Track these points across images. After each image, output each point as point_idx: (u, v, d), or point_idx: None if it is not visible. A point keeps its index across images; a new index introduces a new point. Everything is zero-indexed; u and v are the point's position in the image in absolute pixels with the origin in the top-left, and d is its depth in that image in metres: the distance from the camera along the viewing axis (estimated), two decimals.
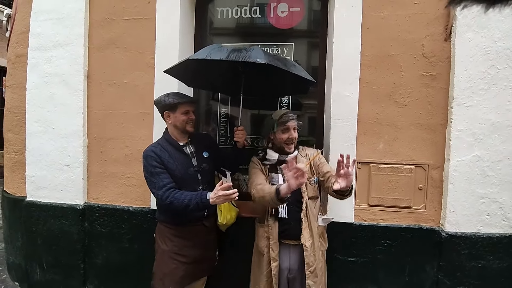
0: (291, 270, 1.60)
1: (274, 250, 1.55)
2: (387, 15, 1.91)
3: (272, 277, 1.55)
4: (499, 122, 1.79)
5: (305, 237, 1.54)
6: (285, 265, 1.59)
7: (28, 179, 2.29)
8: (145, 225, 2.14)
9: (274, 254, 1.55)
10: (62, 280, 2.28)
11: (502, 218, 1.81)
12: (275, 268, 1.55)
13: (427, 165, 1.90)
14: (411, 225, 1.92)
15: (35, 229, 2.28)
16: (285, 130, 1.61)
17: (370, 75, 1.93)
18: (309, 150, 1.74)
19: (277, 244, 1.56)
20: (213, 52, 1.42)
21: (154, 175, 1.52)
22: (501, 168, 1.80)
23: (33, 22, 2.25)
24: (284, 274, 1.60)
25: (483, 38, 1.79)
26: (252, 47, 1.44)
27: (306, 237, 1.54)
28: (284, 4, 2.23)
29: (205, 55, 1.41)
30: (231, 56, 1.37)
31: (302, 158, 1.64)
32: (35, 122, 2.26)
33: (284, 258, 1.59)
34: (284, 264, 1.59)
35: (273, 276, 1.55)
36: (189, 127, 1.62)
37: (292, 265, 1.59)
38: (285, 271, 1.60)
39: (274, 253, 1.55)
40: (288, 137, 1.60)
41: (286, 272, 1.60)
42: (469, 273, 1.83)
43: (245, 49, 1.41)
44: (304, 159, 1.63)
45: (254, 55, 1.36)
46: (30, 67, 2.26)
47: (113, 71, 2.20)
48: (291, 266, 1.59)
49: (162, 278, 1.60)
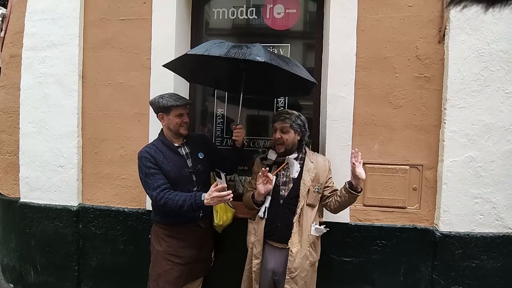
0: (275, 273, 1.57)
1: (257, 247, 1.57)
2: (382, 17, 1.92)
3: (252, 274, 1.56)
4: (492, 123, 1.81)
5: (293, 242, 1.50)
6: (270, 266, 1.58)
7: (22, 180, 2.27)
8: (141, 226, 2.13)
9: (256, 251, 1.57)
10: (56, 281, 2.26)
11: (495, 218, 1.83)
12: (256, 265, 1.56)
13: (421, 165, 1.92)
14: (405, 225, 1.93)
15: (29, 230, 2.26)
16: (274, 130, 1.61)
17: (365, 76, 1.94)
18: (320, 157, 1.67)
19: (260, 242, 1.57)
20: (213, 47, 1.39)
21: (148, 176, 1.51)
22: (494, 169, 1.82)
23: (27, 22, 2.23)
24: (269, 275, 1.58)
25: (476, 40, 1.81)
26: (254, 44, 1.41)
27: (294, 242, 1.50)
28: (280, 6, 2.24)
29: (204, 50, 1.38)
30: (231, 53, 1.35)
31: (311, 164, 1.59)
32: (29, 123, 2.24)
33: (269, 259, 1.58)
34: (269, 265, 1.58)
35: (253, 272, 1.56)
36: (182, 130, 1.61)
37: (277, 268, 1.56)
38: (269, 272, 1.58)
39: (256, 250, 1.57)
40: (275, 137, 1.59)
41: (270, 274, 1.58)
42: (464, 273, 1.85)
43: (246, 46, 1.39)
44: (312, 165, 1.59)
45: (254, 52, 1.34)
46: (24, 67, 2.24)
47: (108, 71, 2.18)
48: (276, 269, 1.57)
49: (156, 278, 1.59)
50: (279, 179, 1.59)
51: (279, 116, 1.61)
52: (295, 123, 1.58)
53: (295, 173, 1.58)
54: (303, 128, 1.61)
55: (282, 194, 1.57)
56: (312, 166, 1.59)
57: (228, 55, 1.34)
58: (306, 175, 1.57)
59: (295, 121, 1.58)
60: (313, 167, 1.59)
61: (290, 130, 1.57)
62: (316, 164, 1.61)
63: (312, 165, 1.60)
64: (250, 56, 1.33)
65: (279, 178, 1.59)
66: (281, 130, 1.58)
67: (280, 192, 1.58)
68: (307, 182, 1.55)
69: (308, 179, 1.56)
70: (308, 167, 1.59)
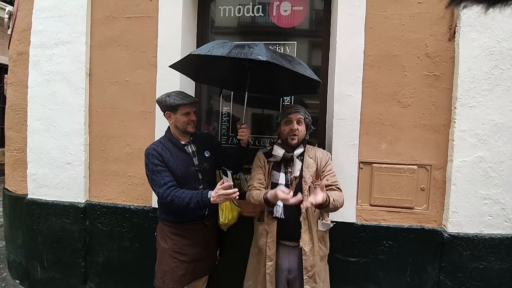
0: (290, 271, 1.58)
1: (271, 248, 1.54)
2: (391, 14, 1.89)
3: (267, 276, 1.54)
4: (502, 123, 1.78)
5: (305, 240, 1.51)
6: (284, 265, 1.58)
7: (30, 177, 2.29)
8: (146, 223, 2.14)
9: (270, 252, 1.54)
10: (62, 278, 2.28)
11: (504, 219, 1.81)
12: (270, 267, 1.54)
13: (429, 165, 1.89)
14: (413, 225, 1.91)
15: (36, 227, 2.28)
16: (288, 122, 1.59)
17: (373, 75, 1.92)
18: (318, 151, 1.65)
19: (274, 243, 1.55)
20: (216, 47, 1.40)
21: (155, 173, 1.52)
22: (503, 169, 1.79)
23: (34, 19, 2.24)
24: (284, 274, 1.58)
25: (487, 39, 1.78)
26: (256, 43, 1.41)
27: (306, 241, 1.51)
28: (286, 3, 2.22)
29: (207, 50, 1.39)
30: (233, 53, 1.35)
31: (310, 159, 1.60)
32: (36, 120, 2.26)
33: (283, 258, 1.58)
34: (284, 265, 1.58)
35: (267, 275, 1.54)
36: (190, 128, 1.62)
37: (291, 266, 1.57)
38: (284, 271, 1.58)
39: (270, 252, 1.54)
40: (291, 128, 1.57)
41: (285, 273, 1.58)
42: (471, 274, 1.83)
43: (248, 46, 1.39)
44: (312, 161, 1.59)
45: (256, 52, 1.34)
46: (32, 65, 2.26)
47: (115, 69, 2.19)
48: (290, 267, 1.58)
49: (162, 276, 1.59)
50: (287, 177, 1.58)
51: (293, 108, 1.61)
52: (307, 116, 1.63)
53: (297, 171, 1.57)
54: (311, 123, 1.66)
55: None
56: (311, 161, 1.60)
57: (230, 55, 1.34)
58: (306, 172, 1.57)
59: (306, 114, 1.63)
60: (313, 162, 1.60)
61: (303, 122, 1.61)
62: (314, 159, 1.61)
63: (311, 160, 1.60)
64: (252, 55, 1.32)
65: (287, 176, 1.58)
66: (297, 121, 1.58)
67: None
68: (307, 179, 1.55)
69: (308, 176, 1.56)
70: (307, 163, 1.59)
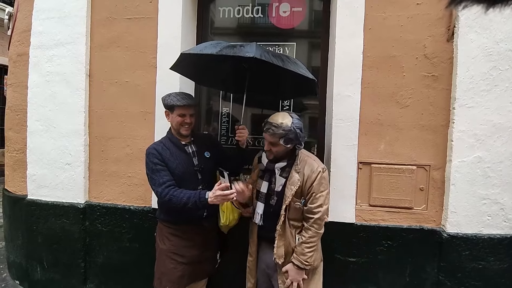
0: (268, 267, 1.60)
1: (251, 246, 1.67)
2: (389, 15, 1.90)
3: (247, 269, 1.67)
4: (501, 123, 1.79)
5: (278, 254, 1.50)
6: (263, 261, 1.62)
7: (29, 177, 2.29)
8: (146, 224, 2.14)
9: (251, 250, 1.67)
10: (62, 278, 2.28)
11: (503, 219, 1.81)
12: (250, 262, 1.67)
13: (428, 166, 1.90)
14: (412, 225, 1.92)
15: (36, 227, 2.28)
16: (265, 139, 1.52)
17: (371, 75, 1.93)
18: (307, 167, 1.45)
19: (255, 242, 1.64)
20: (208, 47, 1.41)
21: (154, 172, 1.52)
22: (502, 169, 1.80)
23: (34, 20, 2.25)
24: (263, 268, 1.63)
25: (485, 39, 1.78)
26: (248, 43, 1.41)
27: (279, 255, 1.50)
28: (286, 4, 2.23)
29: (198, 50, 1.41)
30: (223, 51, 1.35)
31: (295, 176, 1.45)
32: (36, 121, 2.26)
33: (262, 255, 1.63)
34: (263, 261, 1.62)
35: (248, 268, 1.67)
36: (183, 130, 1.61)
37: (270, 263, 1.58)
38: (263, 265, 1.62)
39: (251, 249, 1.67)
40: (265, 147, 1.53)
41: (264, 267, 1.62)
42: (470, 274, 1.83)
43: (240, 45, 1.39)
44: (297, 177, 1.44)
45: (246, 50, 1.34)
46: (32, 66, 2.26)
47: (115, 70, 2.19)
48: (268, 264, 1.59)
49: (160, 277, 1.60)
50: (271, 186, 1.56)
51: (268, 127, 1.43)
52: (286, 137, 1.41)
53: (279, 186, 1.51)
54: (296, 140, 1.44)
55: (271, 203, 1.55)
56: (296, 178, 1.44)
57: (220, 53, 1.35)
58: (288, 190, 1.46)
59: (285, 135, 1.40)
60: (297, 179, 1.44)
61: (279, 143, 1.43)
62: (301, 175, 1.45)
63: (297, 176, 1.45)
64: (241, 52, 1.33)
65: (271, 185, 1.56)
66: (270, 143, 1.46)
67: (270, 201, 1.55)
68: (287, 197, 1.46)
69: (289, 194, 1.45)
70: (292, 180, 1.46)
